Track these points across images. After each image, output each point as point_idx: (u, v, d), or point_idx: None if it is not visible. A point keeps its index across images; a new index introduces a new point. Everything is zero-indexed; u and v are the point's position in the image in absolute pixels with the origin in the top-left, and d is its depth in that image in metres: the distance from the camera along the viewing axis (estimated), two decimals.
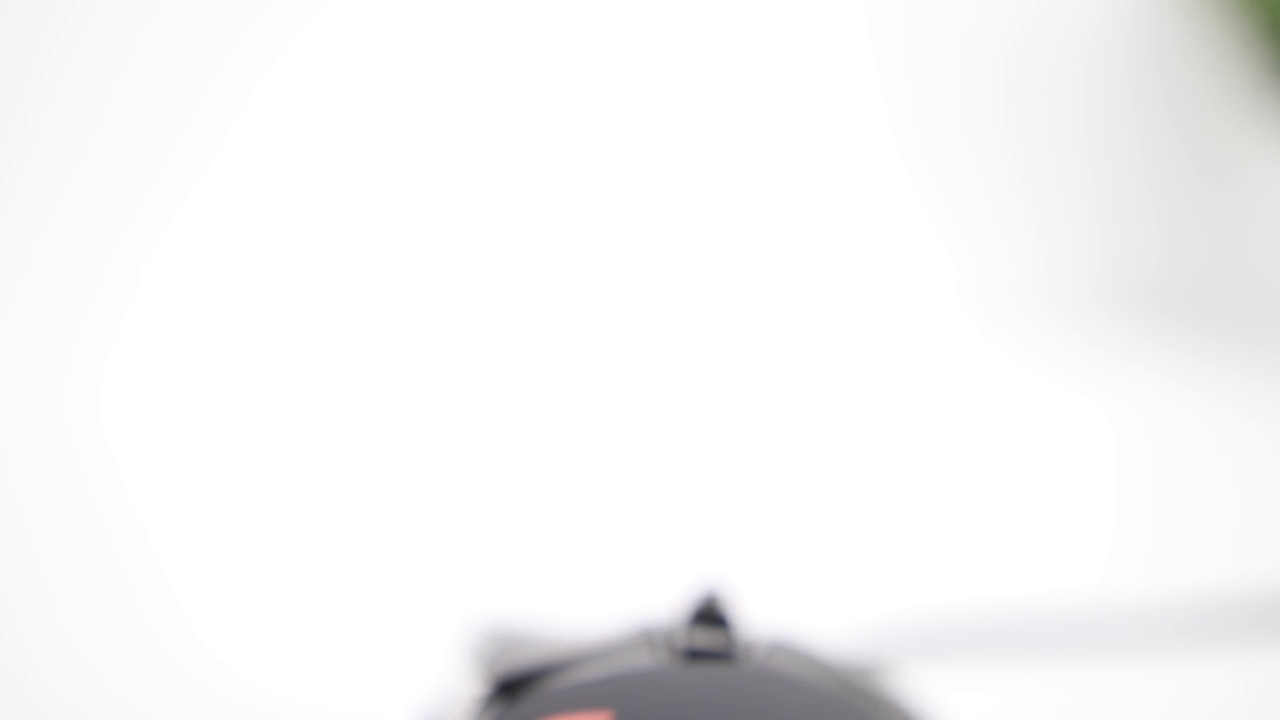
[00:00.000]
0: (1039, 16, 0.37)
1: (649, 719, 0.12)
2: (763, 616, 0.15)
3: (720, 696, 0.13)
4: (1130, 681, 0.21)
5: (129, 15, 0.36)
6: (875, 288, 0.35)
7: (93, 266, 0.35)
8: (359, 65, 0.37)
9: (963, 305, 0.35)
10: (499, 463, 0.30)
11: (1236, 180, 0.38)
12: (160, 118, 0.35)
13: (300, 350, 0.34)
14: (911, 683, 0.15)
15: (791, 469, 0.28)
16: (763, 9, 0.37)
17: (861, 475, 0.28)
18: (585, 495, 0.28)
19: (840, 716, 0.13)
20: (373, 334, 0.35)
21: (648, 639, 0.14)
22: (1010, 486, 0.27)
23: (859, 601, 0.21)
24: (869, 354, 0.34)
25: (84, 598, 0.22)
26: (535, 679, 0.13)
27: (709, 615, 0.14)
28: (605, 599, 0.15)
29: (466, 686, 0.14)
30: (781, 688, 0.13)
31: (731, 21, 0.37)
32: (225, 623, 0.22)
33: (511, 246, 0.36)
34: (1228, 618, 0.22)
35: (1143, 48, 0.37)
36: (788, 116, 0.37)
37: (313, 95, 0.36)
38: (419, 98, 0.36)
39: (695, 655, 0.14)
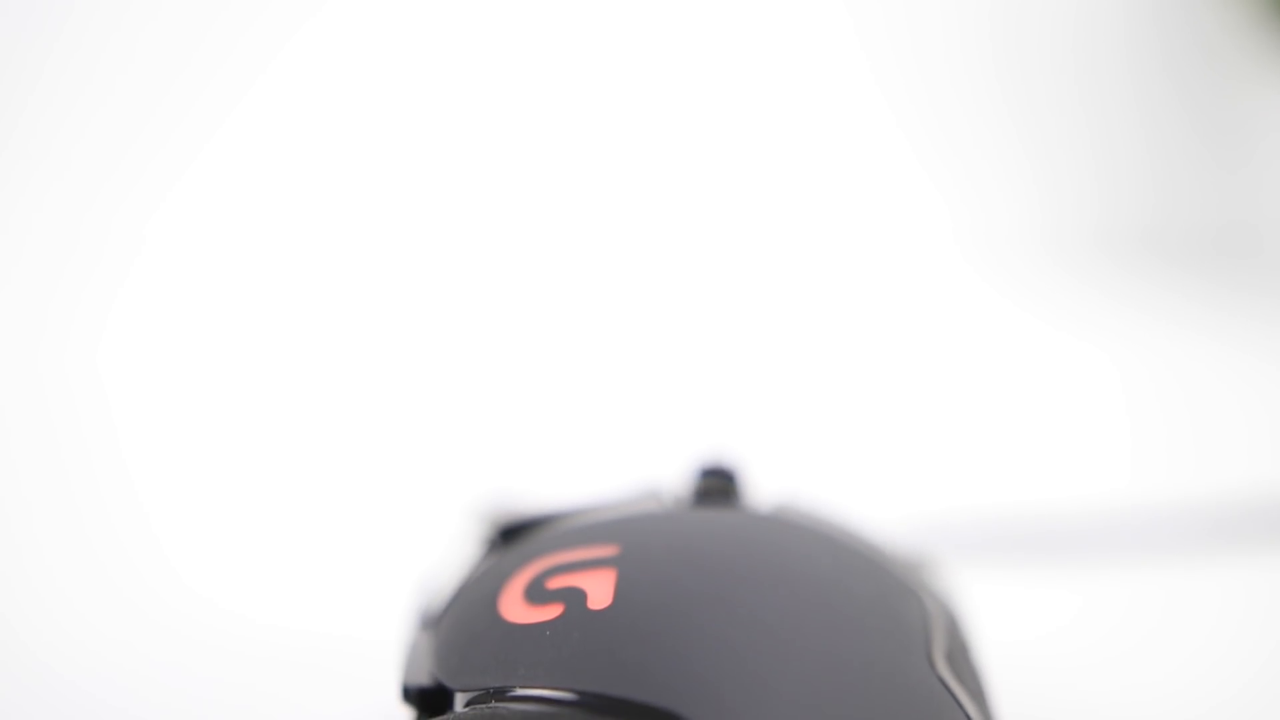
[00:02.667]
0: None
1: (654, 551, 0.12)
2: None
3: (726, 529, 0.13)
4: (1150, 584, 0.20)
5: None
6: (878, 236, 0.35)
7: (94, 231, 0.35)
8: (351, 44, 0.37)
9: (962, 252, 0.35)
10: (500, 357, 0.30)
11: (1235, 124, 0.38)
12: (169, 87, 0.36)
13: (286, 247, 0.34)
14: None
15: (804, 419, 0.28)
16: None
17: (877, 410, 0.28)
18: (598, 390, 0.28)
19: (844, 556, 0.13)
20: (366, 224, 0.34)
21: (653, 495, 0.14)
22: (1020, 419, 0.27)
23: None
24: (874, 301, 0.34)
25: (59, 528, 0.22)
26: (539, 526, 0.13)
27: (716, 471, 0.14)
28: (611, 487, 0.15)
29: (469, 548, 0.14)
30: (786, 527, 0.13)
31: None
32: (201, 547, 0.22)
33: (507, 125, 0.36)
34: (1249, 521, 0.22)
35: None
36: (783, 66, 0.37)
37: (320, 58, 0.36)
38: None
39: (702, 498, 0.14)
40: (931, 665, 0.12)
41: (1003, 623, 0.16)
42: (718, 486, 0.14)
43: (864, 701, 0.11)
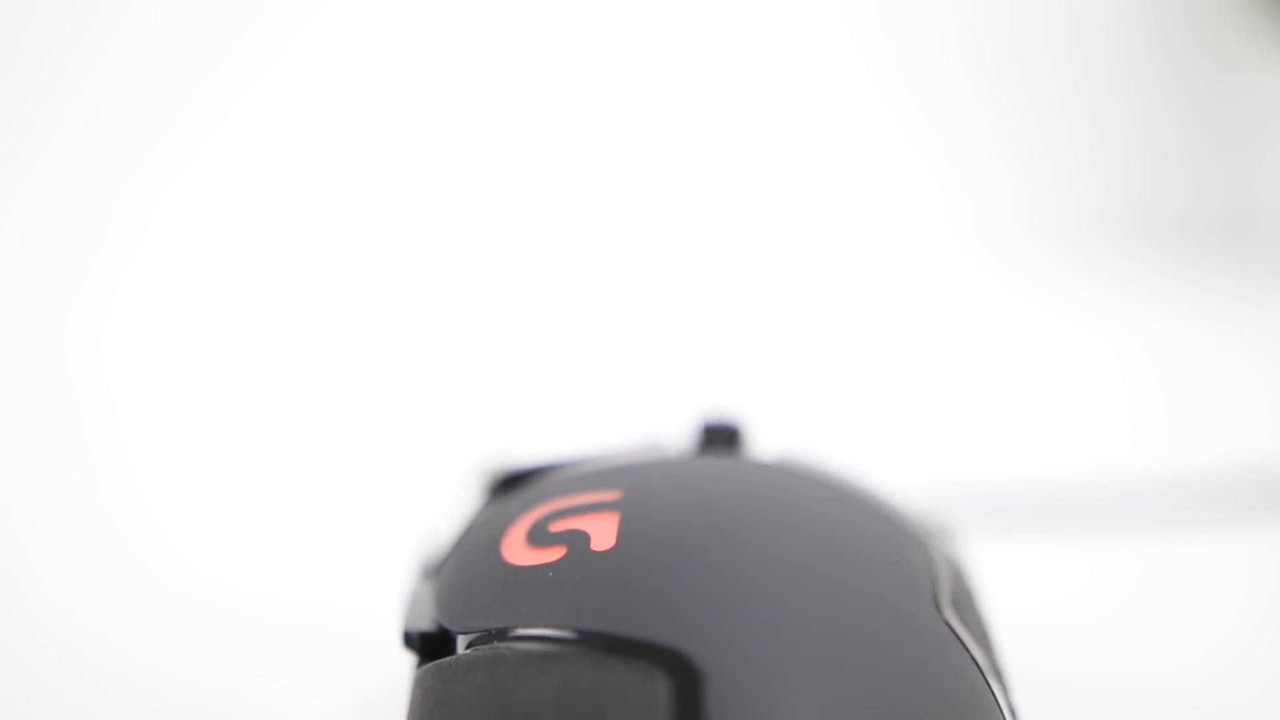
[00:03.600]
0: None
1: (658, 495, 0.12)
2: None
3: (730, 475, 0.12)
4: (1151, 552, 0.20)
5: None
6: (877, 220, 0.35)
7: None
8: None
9: (960, 236, 0.35)
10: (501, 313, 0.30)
11: (1232, 108, 0.38)
12: (178, 71, 0.35)
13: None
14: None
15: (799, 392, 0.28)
16: None
17: (878, 386, 0.28)
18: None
19: (849, 503, 0.13)
20: (364, 184, 0.34)
21: (656, 447, 0.14)
22: (1021, 397, 0.27)
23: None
24: (873, 284, 0.34)
25: (53, 503, 0.22)
26: (540, 475, 0.13)
27: (719, 427, 0.14)
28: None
29: (469, 500, 0.14)
30: (791, 474, 0.13)
31: None
32: (197, 522, 0.21)
33: (503, 84, 0.36)
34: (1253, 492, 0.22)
35: None
36: (780, 51, 0.37)
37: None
38: None
39: (706, 446, 0.13)
40: (938, 609, 0.11)
41: (1012, 592, 0.16)
42: (721, 439, 0.14)
43: (871, 641, 0.11)
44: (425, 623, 0.12)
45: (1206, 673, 0.17)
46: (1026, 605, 0.18)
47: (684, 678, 0.10)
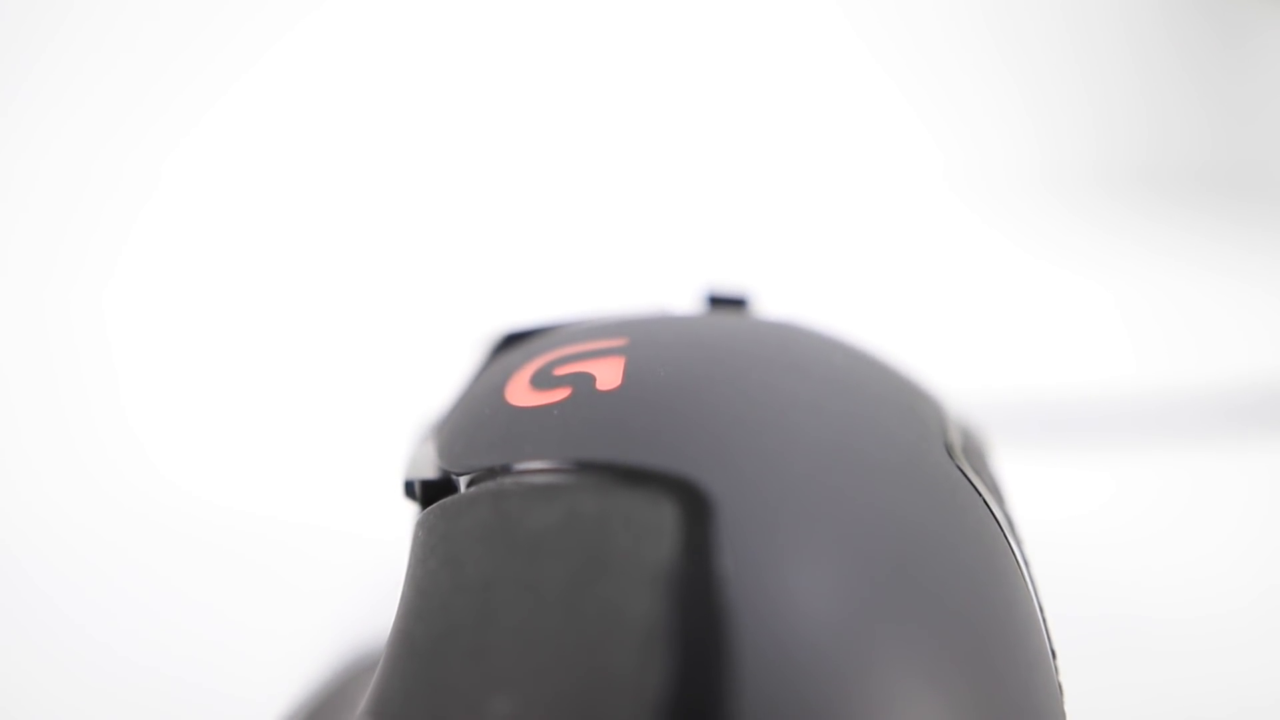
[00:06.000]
0: None
1: (664, 339, 0.11)
2: None
3: (737, 325, 0.12)
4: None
5: None
6: (877, 170, 0.35)
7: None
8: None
9: (961, 187, 0.35)
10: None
11: (1229, 59, 0.38)
12: (203, 18, 0.35)
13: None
14: None
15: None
16: None
17: (885, 313, 0.27)
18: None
19: (857, 354, 0.12)
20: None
21: (662, 311, 0.13)
22: (1028, 325, 0.27)
23: None
24: (874, 232, 0.33)
25: (36, 409, 0.21)
26: (545, 333, 0.13)
27: (725, 298, 0.14)
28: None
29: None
30: (799, 329, 0.12)
31: None
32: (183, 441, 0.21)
33: None
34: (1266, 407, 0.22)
35: None
36: (778, 5, 0.37)
37: None
38: None
39: (712, 303, 0.13)
40: (950, 454, 0.11)
41: (1038, 503, 0.16)
42: (728, 307, 0.13)
43: (883, 471, 0.10)
44: (427, 472, 0.11)
45: (1229, 589, 0.17)
46: (1049, 515, 0.17)
47: (692, 503, 0.10)
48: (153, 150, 0.34)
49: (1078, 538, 0.17)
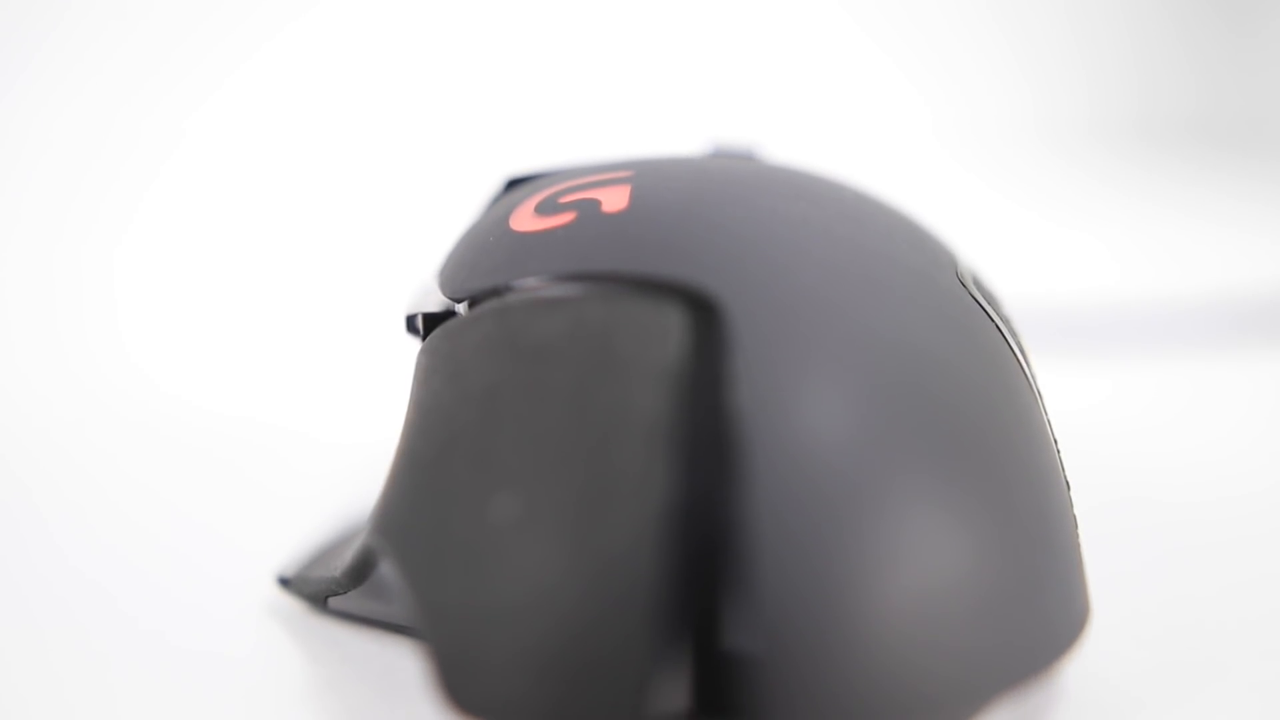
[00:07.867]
0: None
1: (671, 170, 0.11)
2: None
3: (743, 163, 0.12)
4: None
5: None
6: (878, 125, 0.34)
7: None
8: None
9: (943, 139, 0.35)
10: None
11: (1221, 11, 0.38)
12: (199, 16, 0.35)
13: None
14: None
15: None
16: None
17: None
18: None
19: (865, 195, 0.12)
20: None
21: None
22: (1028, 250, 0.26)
23: None
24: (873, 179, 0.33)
25: (24, 314, 0.21)
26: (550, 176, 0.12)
27: (733, 150, 0.13)
28: None
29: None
30: (806, 171, 0.12)
31: None
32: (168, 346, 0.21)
33: None
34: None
35: None
36: None
37: None
38: None
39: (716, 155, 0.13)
40: (960, 282, 0.11)
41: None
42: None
43: (892, 287, 0.10)
44: (429, 306, 0.11)
45: (1236, 470, 0.17)
46: (1051, 407, 0.17)
47: (701, 307, 0.10)
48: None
49: (1084, 428, 0.17)
